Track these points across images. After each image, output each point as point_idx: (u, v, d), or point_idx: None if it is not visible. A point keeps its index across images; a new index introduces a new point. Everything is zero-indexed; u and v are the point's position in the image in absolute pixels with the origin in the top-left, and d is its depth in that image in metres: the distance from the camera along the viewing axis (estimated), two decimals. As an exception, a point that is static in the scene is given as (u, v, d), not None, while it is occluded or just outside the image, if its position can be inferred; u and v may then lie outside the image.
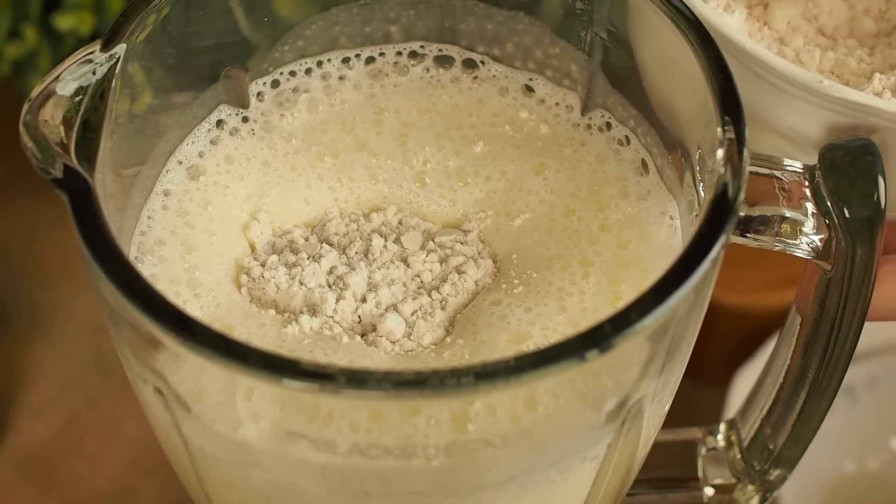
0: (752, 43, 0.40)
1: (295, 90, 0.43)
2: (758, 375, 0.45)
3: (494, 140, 0.42)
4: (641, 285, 0.37)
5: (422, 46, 0.43)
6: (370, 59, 0.43)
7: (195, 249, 0.39)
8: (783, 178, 0.36)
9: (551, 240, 0.40)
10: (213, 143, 0.41)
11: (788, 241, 0.36)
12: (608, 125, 0.42)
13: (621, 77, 0.41)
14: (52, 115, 0.35)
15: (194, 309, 0.37)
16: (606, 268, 0.38)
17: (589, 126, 0.42)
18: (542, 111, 0.42)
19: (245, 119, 0.42)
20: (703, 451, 0.46)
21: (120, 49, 0.36)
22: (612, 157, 0.41)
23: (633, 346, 0.32)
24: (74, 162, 0.34)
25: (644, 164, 0.41)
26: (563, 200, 0.40)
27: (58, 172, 0.33)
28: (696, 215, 0.37)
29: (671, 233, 0.39)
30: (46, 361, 0.71)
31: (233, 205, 0.40)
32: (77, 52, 0.36)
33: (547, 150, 0.42)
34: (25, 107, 0.35)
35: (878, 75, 0.42)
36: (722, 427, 0.46)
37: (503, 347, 0.36)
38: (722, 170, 0.33)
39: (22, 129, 0.34)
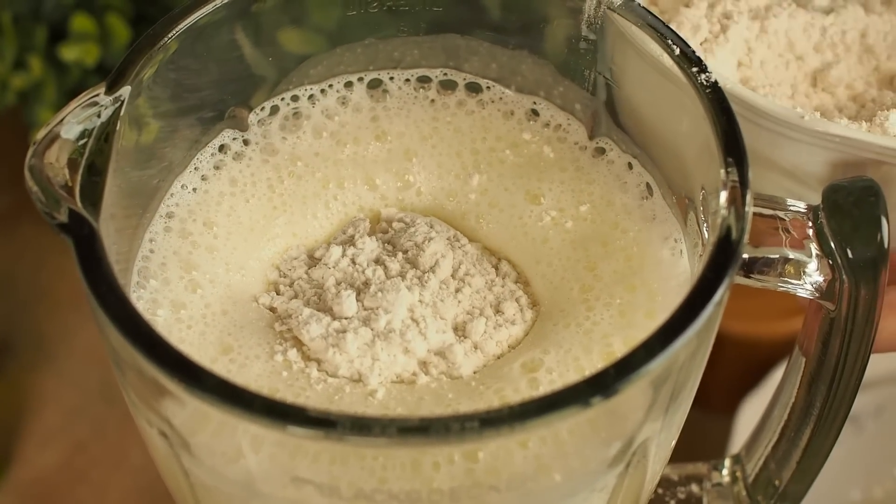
0: (733, 83, 0.40)
1: (296, 114, 0.43)
2: (764, 404, 0.45)
3: (495, 165, 0.42)
4: (650, 308, 0.38)
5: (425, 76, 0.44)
6: (375, 83, 0.44)
7: (198, 270, 0.39)
8: (786, 218, 0.36)
9: (557, 264, 0.40)
10: (216, 167, 0.42)
11: (792, 281, 0.36)
12: (612, 150, 0.42)
13: (624, 116, 0.41)
14: (57, 158, 0.35)
15: (195, 334, 0.37)
16: (613, 291, 0.38)
17: (594, 150, 0.42)
18: (546, 132, 0.43)
19: (246, 142, 0.42)
20: (708, 486, 0.46)
21: (125, 91, 0.36)
22: (616, 181, 0.41)
23: (637, 390, 0.32)
24: (79, 206, 0.34)
25: (649, 187, 0.41)
26: (567, 223, 0.41)
27: (62, 217, 0.34)
28: (701, 255, 0.37)
29: (676, 255, 0.39)
30: (52, 391, 0.71)
31: (239, 225, 0.40)
32: (82, 95, 0.36)
33: (548, 174, 0.42)
34: (30, 150, 0.35)
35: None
36: (727, 462, 0.46)
37: (517, 374, 0.36)
38: (725, 212, 0.33)
39: (27, 172, 0.34)
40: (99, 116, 0.36)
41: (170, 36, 0.38)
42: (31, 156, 0.35)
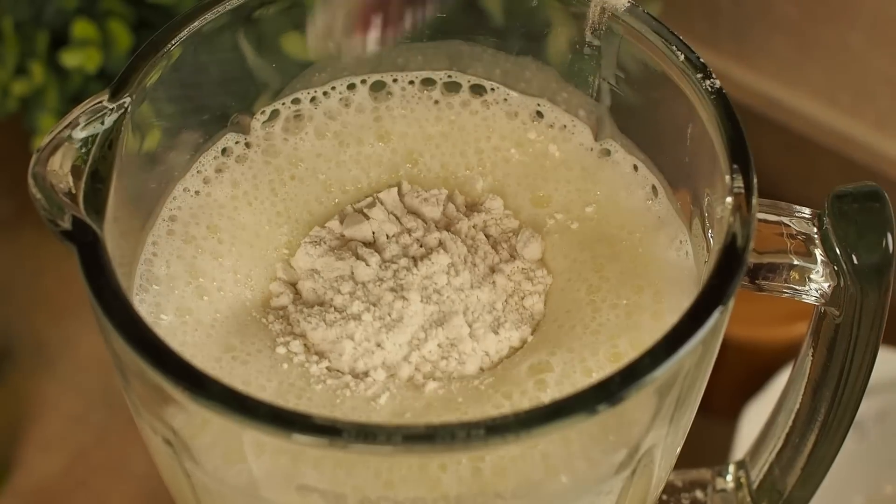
0: None
1: (298, 116, 0.43)
2: (767, 409, 0.45)
3: (500, 164, 0.42)
4: (656, 309, 0.37)
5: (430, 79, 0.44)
6: (378, 85, 0.43)
7: (201, 272, 0.39)
8: (791, 224, 0.36)
9: (563, 265, 0.40)
10: (218, 170, 0.41)
11: (797, 287, 0.36)
12: (617, 152, 0.42)
13: (629, 121, 0.41)
14: (60, 165, 0.35)
15: (200, 335, 0.37)
16: (620, 292, 0.38)
17: (599, 151, 0.42)
18: (552, 132, 0.42)
19: (248, 144, 0.42)
20: (712, 492, 0.46)
21: (128, 98, 0.36)
22: (622, 181, 0.41)
23: (643, 397, 0.32)
24: (83, 213, 0.34)
25: (654, 189, 0.41)
26: (573, 223, 0.40)
27: (66, 224, 0.33)
28: (706, 261, 0.37)
29: (682, 256, 0.39)
30: (53, 397, 0.71)
31: (243, 227, 0.40)
32: (85, 102, 0.36)
33: (554, 173, 0.42)
34: (34, 157, 0.35)
35: None
36: (731, 468, 0.46)
37: (524, 376, 0.36)
38: (731, 219, 0.33)
39: (30, 179, 0.34)
40: (102, 123, 0.36)
41: (173, 42, 0.38)
42: (34, 163, 0.34)
